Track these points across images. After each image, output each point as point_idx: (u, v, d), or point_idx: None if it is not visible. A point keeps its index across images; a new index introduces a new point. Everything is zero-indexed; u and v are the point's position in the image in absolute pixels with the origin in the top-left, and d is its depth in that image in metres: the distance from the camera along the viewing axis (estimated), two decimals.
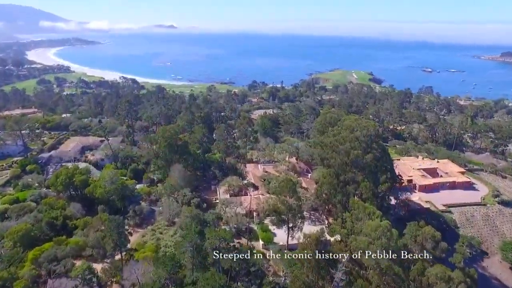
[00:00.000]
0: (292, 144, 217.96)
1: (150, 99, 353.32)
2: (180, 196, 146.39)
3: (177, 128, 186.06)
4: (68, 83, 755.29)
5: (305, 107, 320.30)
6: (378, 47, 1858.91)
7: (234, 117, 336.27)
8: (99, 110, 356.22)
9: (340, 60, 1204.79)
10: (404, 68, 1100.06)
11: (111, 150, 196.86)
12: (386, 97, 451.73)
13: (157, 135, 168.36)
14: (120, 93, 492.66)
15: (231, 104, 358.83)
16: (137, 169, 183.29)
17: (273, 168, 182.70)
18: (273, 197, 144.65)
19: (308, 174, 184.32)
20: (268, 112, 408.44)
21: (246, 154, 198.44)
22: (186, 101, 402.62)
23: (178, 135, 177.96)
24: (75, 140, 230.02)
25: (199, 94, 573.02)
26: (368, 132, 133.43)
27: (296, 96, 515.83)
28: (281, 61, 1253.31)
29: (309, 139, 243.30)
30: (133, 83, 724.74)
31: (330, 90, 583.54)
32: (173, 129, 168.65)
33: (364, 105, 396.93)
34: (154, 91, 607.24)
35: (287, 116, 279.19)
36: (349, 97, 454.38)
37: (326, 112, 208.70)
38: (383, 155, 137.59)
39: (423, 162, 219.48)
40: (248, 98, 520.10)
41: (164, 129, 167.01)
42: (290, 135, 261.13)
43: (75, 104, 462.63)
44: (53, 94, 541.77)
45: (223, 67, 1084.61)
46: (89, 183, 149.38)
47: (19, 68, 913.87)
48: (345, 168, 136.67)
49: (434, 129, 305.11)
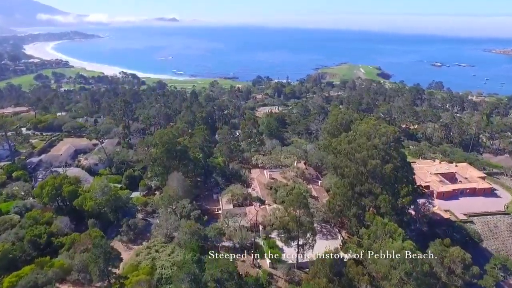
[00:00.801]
0: (300, 146, 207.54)
1: (149, 97, 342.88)
2: (179, 208, 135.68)
3: (176, 131, 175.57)
4: (66, 78, 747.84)
5: (313, 106, 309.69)
6: (385, 41, 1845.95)
7: (237, 115, 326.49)
8: (96, 108, 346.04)
9: (346, 54, 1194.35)
10: (412, 63, 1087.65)
11: (105, 154, 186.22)
12: (396, 94, 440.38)
13: (154, 139, 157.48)
14: (119, 89, 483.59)
15: (234, 101, 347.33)
16: (133, 175, 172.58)
17: (280, 175, 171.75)
18: (281, 208, 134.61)
19: (318, 181, 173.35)
20: (273, 110, 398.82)
21: (251, 159, 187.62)
22: (188, 98, 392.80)
23: (177, 138, 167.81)
24: (68, 143, 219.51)
25: (201, 90, 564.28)
26: (387, 139, 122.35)
27: (302, 93, 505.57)
28: (286, 55, 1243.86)
29: (318, 141, 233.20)
30: (134, 78, 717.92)
31: (337, 86, 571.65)
32: (171, 133, 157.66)
33: (374, 102, 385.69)
34: (155, 87, 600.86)
35: (294, 116, 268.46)
36: (358, 93, 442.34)
37: (337, 112, 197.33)
38: (404, 164, 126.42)
39: (440, 166, 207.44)
40: (252, 95, 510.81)
41: (162, 132, 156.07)
42: (298, 135, 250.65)
43: (72, 101, 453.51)
44: (49, 91, 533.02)
45: (226, 61, 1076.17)
46: (79, 193, 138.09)
47: (15, 62, 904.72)
48: (361, 179, 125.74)
49: (449, 129, 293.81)
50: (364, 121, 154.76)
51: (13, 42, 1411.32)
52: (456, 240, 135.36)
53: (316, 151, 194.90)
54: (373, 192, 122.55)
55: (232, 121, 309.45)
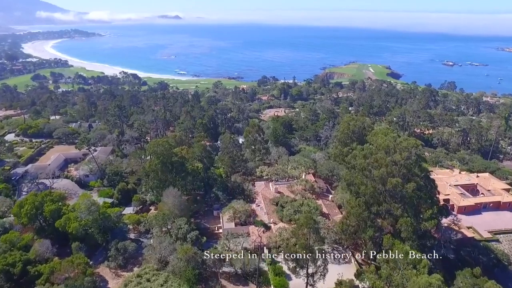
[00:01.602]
0: (309, 155, 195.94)
1: (149, 99, 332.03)
2: (174, 229, 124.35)
3: (173, 139, 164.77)
4: (65, 78, 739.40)
5: (322, 109, 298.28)
6: (393, 39, 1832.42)
7: (241, 119, 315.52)
8: (92, 111, 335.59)
9: (354, 53, 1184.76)
10: (423, 62, 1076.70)
11: (97, 164, 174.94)
12: (409, 95, 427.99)
13: (148, 150, 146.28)
14: (118, 91, 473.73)
15: (238, 104, 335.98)
16: (126, 188, 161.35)
17: (287, 188, 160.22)
18: (288, 228, 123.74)
19: (328, 195, 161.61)
20: (279, 112, 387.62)
21: (255, 170, 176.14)
22: (189, 100, 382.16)
23: (175, 147, 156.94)
24: (58, 151, 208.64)
25: (205, 91, 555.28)
26: (409, 155, 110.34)
27: (310, 94, 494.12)
28: (292, 53, 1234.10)
29: (327, 148, 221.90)
30: (134, 78, 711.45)
31: (346, 87, 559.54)
32: (167, 143, 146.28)
33: (385, 104, 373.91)
34: (156, 88, 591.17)
35: (301, 121, 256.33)
36: (369, 95, 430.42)
37: (349, 119, 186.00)
38: (427, 182, 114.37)
39: (460, 177, 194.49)
40: (257, 96, 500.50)
41: (156, 143, 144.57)
42: (306, 142, 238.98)
43: (69, 102, 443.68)
44: (46, 92, 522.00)
45: (231, 60, 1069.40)
46: (62, 213, 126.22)
47: (13, 62, 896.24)
48: (379, 198, 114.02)
49: (466, 134, 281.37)
50: (380, 130, 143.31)
51: (11, 41, 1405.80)
52: (483, 264, 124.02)
53: (326, 161, 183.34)
54: (392, 214, 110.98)
55: (235, 125, 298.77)
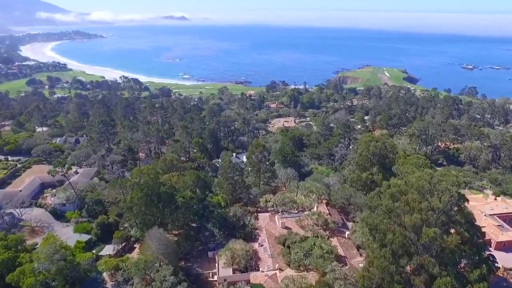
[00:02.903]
0: (321, 179, 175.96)
1: (146, 109, 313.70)
2: (157, 281, 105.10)
3: (163, 164, 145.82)
4: (63, 83, 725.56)
5: (336, 122, 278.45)
6: (408, 41, 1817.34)
7: (247, 131, 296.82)
8: (84, 122, 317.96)
9: (368, 55, 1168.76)
10: (441, 65, 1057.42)
11: (74, 192, 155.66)
12: (430, 104, 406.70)
13: (131, 180, 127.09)
14: (114, 98, 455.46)
15: (243, 115, 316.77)
16: (107, 222, 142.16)
17: (296, 223, 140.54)
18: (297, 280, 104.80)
19: (344, 230, 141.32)
20: (289, 122, 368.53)
21: (259, 200, 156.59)
22: (191, 108, 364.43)
23: (163, 175, 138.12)
24: (35, 172, 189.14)
25: (209, 98, 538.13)
26: (451, 199, 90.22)
27: (322, 101, 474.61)
28: (302, 56, 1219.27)
29: (343, 169, 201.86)
30: (135, 83, 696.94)
31: (361, 93, 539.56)
32: (153, 172, 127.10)
33: (404, 113, 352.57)
34: (157, 94, 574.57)
35: (313, 136, 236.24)
36: (386, 103, 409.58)
37: (369, 138, 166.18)
38: (474, 232, 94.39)
39: (496, 204, 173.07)
40: (265, 103, 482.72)
41: (140, 171, 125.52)
42: (318, 161, 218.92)
43: (62, 110, 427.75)
44: (39, 98, 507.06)
45: (238, 62, 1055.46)
46: (19, 262, 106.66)
47: (8, 65, 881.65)
48: (410, 249, 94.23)
49: (498, 150, 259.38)
50: (409, 160, 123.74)
51: (9, 43, 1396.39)
52: None
53: (341, 187, 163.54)
54: (427, 270, 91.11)
55: (240, 138, 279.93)
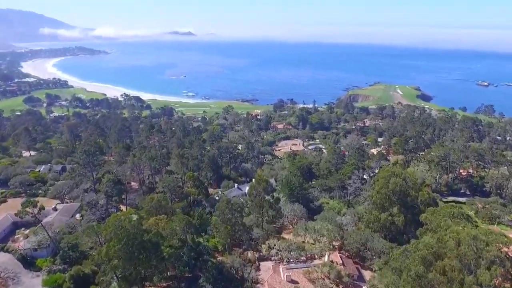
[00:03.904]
0: (334, 218, 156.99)
1: (142, 132, 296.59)
2: None
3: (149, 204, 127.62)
4: (62, 100, 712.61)
5: (349, 149, 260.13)
6: (420, 57, 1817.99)
7: (251, 157, 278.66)
8: (75, 146, 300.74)
9: (378, 72, 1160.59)
10: (455, 82, 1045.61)
11: (48, 235, 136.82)
12: (448, 125, 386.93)
13: (106, 231, 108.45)
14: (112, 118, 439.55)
15: (248, 139, 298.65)
16: (82, 274, 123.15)
17: (304, 275, 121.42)
18: None
19: (361, 285, 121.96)
20: (297, 146, 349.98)
21: (261, 247, 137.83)
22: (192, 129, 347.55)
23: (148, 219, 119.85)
24: (11, 207, 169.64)
25: (214, 117, 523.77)
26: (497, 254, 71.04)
27: (332, 121, 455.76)
28: (309, 72, 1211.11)
29: (357, 204, 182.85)
30: (137, 101, 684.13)
31: (373, 112, 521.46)
32: (135, 219, 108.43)
33: (420, 135, 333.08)
34: (159, 113, 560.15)
35: (323, 165, 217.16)
36: (400, 124, 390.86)
37: (388, 174, 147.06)
38: None
39: None
40: (272, 123, 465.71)
41: (118, 218, 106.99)
42: (328, 193, 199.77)
43: (57, 131, 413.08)
44: (36, 118, 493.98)
45: (244, 80, 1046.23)
46: None
47: (7, 82, 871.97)
48: None
49: None
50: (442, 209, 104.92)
51: (11, 59, 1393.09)
52: None
53: (356, 230, 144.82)
54: None
55: (243, 165, 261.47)
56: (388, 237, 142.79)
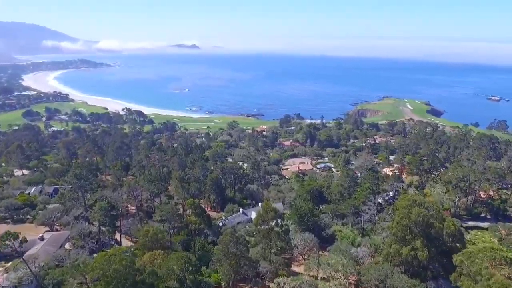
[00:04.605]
0: (348, 250, 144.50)
1: (141, 151, 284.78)
2: None
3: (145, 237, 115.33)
4: (61, 114, 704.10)
5: (361, 171, 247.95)
6: (428, 70, 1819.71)
7: (257, 177, 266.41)
8: (71, 164, 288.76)
9: (387, 86, 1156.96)
10: (465, 96, 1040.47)
11: (29, 270, 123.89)
12: (463, 143, 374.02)
13: (92, 273, 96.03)
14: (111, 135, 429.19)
15: (253, 157, 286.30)
16: None
17: None
18: None
19: None
20: (305, 165, 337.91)
21: (269, 279, 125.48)
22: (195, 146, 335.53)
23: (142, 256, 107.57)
24: None
25: (218, 133, 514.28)
26: None
27: (341, 138, 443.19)
28: (318, 86, 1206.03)
29: (373, 232, 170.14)
30: (139, 116, 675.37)
31: (383, 129, 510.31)
32: (127, 258, 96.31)
33: (434, 154, 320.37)
34: (161, 129, 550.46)
35: (335, 189, 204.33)
36: (413, 142, 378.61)
37: (408, 203, 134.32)
38: None
39: None
40: (279, 140, 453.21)
41: (106, 259, 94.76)
42: (341, 220, 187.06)
43: (55, 147, 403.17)
44: (33, 133, 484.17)
45: (250, 94, 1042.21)
46: None
47: (6, 95, 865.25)
48: None
49: None
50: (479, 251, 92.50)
51: (12, 72, 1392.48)
52: None
53: (373, 265, 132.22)
54: None
55: (249, 186, 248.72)
56: (408, 272, 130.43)
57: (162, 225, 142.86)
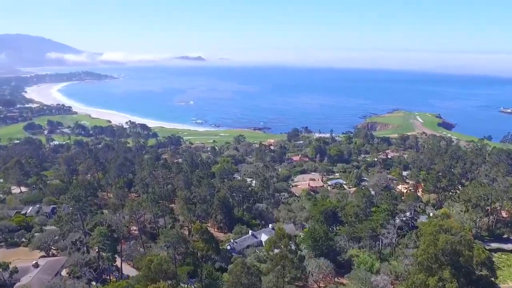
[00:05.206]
0: (366, 276, 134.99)
1: (144, 168, 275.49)
2: None
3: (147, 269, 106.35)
4: (64, 127, 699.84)
5: (376, 189, 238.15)
6: (439, 83, 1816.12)
7: (266, 196, 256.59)
8: (72, 180, 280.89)
9: (397, 99, 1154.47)
10: (477, 109, 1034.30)
11: None
12: (480, 158, 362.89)
13: None
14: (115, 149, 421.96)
15: (261, 174, 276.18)
16: None
17: None
18: None
19: None
20: (316, 181, 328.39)
21: None
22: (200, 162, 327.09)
23: None
24: None
25: (224, 147, 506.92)
26: None
27: (352, 153, 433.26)
28: (326, 99, 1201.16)
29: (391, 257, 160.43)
30: (143, 129, 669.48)
31: (395, 143, 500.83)
32: None
33: (449, 169, 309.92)
34: (166, 143, 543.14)
35: (350, 209, 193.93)
36: (427, 157, 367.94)
37: (435, 229, 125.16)
38: None
39: None
40: (287, 155, 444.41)
41: None
42: (357, 243, 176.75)
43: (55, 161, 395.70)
44: (33, 147, 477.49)
45: (256, 107, 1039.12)
46: None
47: (9, 108, 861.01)
48: None
49: None
50: None
51: (15, 84, 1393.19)
52: None
53: None
54: None
55: (258, 206, 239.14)
56: None
57: (166, 251, 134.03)
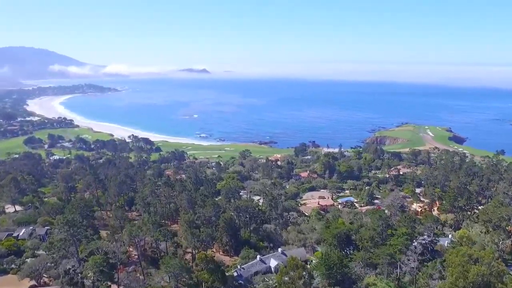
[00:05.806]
0: None
1: (146, 185, 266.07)
2: None
3: None
4: (65, 141, 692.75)
5: (390, 209, 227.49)
6: (448, 95, 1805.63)
7: (274, 216, 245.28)
8: (70, 198, 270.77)
9: (406, 112, 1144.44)
10: (487, 122, 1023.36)
11: None
12: (498, 175, 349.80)
13: None
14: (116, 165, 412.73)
15: (269, 193, 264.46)
16: None
17: None
18: None
19: None
20: (326, 200, 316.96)
21: None
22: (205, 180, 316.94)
23: None
24: None
25: (229, 162, 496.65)
26: None
27: (362, 169, 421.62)
28: (334, 112, 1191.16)
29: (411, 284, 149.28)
30: (146, 143, 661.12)
31: (406, 158, 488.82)
32: None
33: (464, 187, 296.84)
34: (169, 158, 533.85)
35: (366, 233, 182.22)
36: (441, 173, 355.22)
37: (464, 259, 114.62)
38: None
39: None
40: (295, 171, 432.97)
41: None
42: (373, 269, 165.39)
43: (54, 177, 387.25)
44: (34, 161, 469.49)
45: (262, 120, 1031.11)
46: None
47: (9, 121, 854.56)
48: None
49: None
50: None
51: (17, 97, 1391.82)
52: None
53: None
54: None
55: (266, 227, 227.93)
56: None
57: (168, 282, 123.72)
